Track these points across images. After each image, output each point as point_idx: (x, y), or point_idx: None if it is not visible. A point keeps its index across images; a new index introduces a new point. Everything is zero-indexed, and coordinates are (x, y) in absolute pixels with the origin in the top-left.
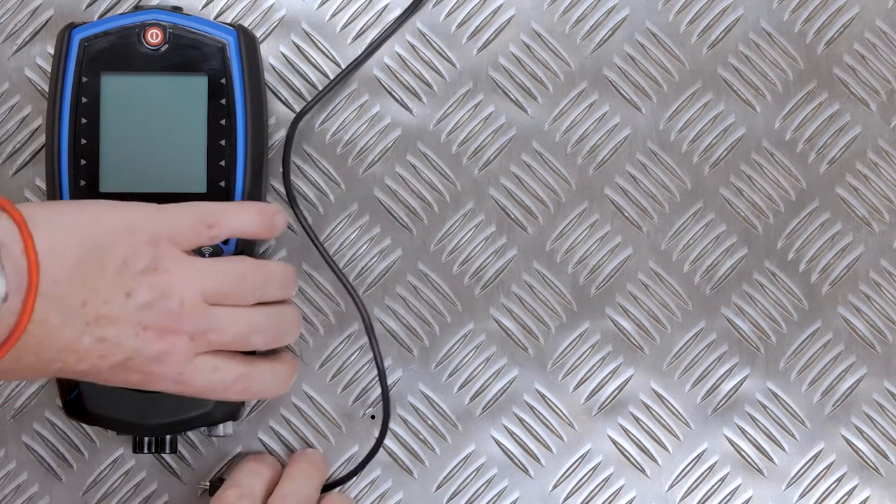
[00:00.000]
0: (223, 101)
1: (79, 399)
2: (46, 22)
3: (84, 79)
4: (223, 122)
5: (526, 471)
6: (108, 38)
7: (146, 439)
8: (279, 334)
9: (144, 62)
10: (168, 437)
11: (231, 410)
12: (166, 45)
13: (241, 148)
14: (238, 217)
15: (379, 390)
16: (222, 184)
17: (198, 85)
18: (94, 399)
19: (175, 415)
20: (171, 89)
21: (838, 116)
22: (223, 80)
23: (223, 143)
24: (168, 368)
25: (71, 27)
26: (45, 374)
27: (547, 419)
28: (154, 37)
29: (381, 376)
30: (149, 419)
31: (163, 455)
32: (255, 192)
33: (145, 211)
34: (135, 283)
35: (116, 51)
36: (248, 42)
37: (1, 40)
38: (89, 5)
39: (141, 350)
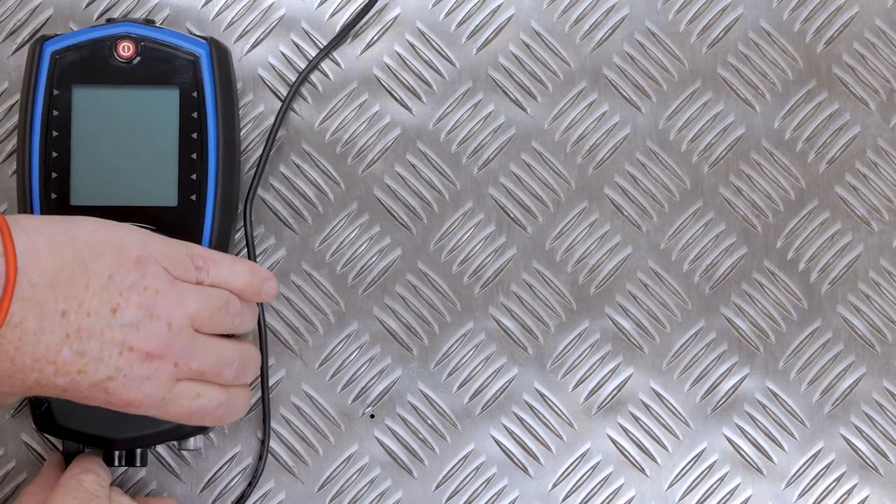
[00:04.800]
0: (195, 115)
1: (48, 412)
2: (46, 21)
3: (55, 91)
4: (195, 135)
5: (525, 470)
6: (79, 51)
7: (116, 453)
8: (246, 369)
9: (116, 75)
10: (138, 450)
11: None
12: (138, 58)
13: (212, 162)
14: (227, 267)
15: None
16: (193, 197)
17: (170, 98)
18: (63, 412)
19: (145, 429)
20: (143, 102)
21: (838, 116)
22: (195, 94)
23: (195, 156)
24: (151, 392)
25: (42, 40)
26: (22, 386)
27: (546, 418)
28: (126, 49)
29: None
30: (119, 433)
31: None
32: (227, 207)
33: (136, 232)
34: (122, 299)
35: (88, 63)
36: (220, 55)
37: (0, 39)
38: (89, 4)
39: (123, 370)
